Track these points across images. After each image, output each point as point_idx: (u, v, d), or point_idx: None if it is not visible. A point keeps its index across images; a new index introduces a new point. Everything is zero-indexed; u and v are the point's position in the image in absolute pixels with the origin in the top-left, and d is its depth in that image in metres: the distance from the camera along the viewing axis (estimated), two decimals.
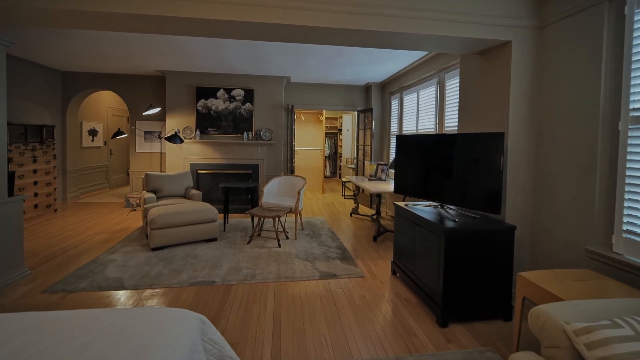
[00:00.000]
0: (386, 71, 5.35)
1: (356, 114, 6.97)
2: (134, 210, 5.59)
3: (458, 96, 3.33)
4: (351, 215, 5.55)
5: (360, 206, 6.22)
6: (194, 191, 4.70)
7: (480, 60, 2.77)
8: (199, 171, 5.89)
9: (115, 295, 2.59)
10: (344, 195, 7.54)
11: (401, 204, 2.95)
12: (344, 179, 7.98)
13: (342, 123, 9.68)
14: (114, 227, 4.55)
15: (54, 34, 3.88)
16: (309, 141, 9.17)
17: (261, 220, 4.16)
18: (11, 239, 2.83)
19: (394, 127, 5.74)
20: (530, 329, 1.37)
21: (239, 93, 5.88)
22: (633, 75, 1.84)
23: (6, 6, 2.02)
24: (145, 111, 5.40)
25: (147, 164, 6.27)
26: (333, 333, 2.14)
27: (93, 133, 7.18)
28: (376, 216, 4.62)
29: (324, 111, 8.25)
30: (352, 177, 5.44)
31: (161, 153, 5.94)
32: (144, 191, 4.52)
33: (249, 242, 3.93)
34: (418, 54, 4.35)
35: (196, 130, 5.79)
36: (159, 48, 4.34)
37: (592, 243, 2.00)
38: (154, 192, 4.53)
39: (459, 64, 3.25)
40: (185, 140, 5.68)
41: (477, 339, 2.09)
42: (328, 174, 10.51)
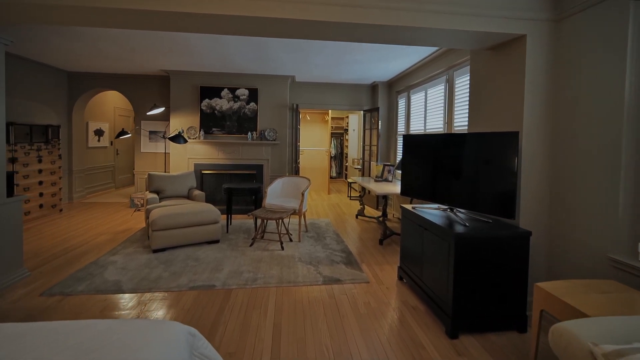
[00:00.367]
0: (393, 69, 5.22)
1: (362, 113, 6.84)
2: (138, 210, 5.56)
3: (468, 94, 3.20)
4: (357, 217, 5.43)
5: (366, 208, 6.10)
6: (196, 192, 4.64)
7: (492, 56, 2.63)
8: (203, 171, 5.84)
9: (111, 299, 2.53)
10: (350, 197, 7.42)
11: (408, 206, 2.83)
12: (349, 180, 7.86)
13: (348, 123, 9.56)
14: (117, 228, 4.51)
15: (59, 34, 3.85)
16: (315, 141, 9.07)
17: (264, 222, 4.08)
18: (10, 240, 2.79)
19: (401, 127, 5.61)
20: (552, 347, 1.24)
21: (243, 93, 5.81)
22: None
23: (6, 3, 1.97)
24: (149, 111, 5.36)
25: (151, 164, 6.25)
26: (335, 343, 2.03)
27: (99, 133, 7.20)
28: (382, 218, 4.50)
29: (329, 111, 8.15)
30: (358, 178, 5.32)
31: (165, 153, 5.91)
32: (147, 191, 4.48)
33: (251, 244, 3.85)
34: (426, 51, 4.22)
35: (200, 130, 5.74)
36: (162, 47, 4.29)
37: (616, 251, 1.85)
38: (156, 192, 4.49)
39: (469, 61, 3.11)
40: (189, 140, 5.63)
41: (490, 352, 1.96)
42: (334, 175, 10.39)
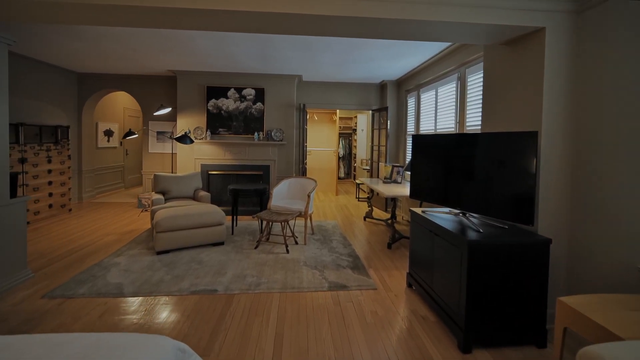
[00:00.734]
0: (402, 67, 5.07)
1: (371, 113, 6.71)
2: (145, 210, 5.56)
3: (481, 92, 3.04)
4: (365, 219, 5.30)
5: (374, 209, 5.96)
6: (202, 193, 4.60)
7: (508, 51, 2.48)
8: (209, 172, 5.80)
9: (111, 304, 2.47)
10: (358, 198, 7.29)
11: (417, 210, 2.70)
12: (357, 181, 7.72)
13: (356, 123, 9.42)
14: (124, 228, 4.50)
15: (68, 36, 3.85)
16: (322, 141, 8.96)
17: (269, 224, 4.00)
18: (14, 241, 2.77)
19: (410, 126, 5.45)
20: None
21: (249, 92, 5.75)
22: None
23: (7, 1, 1.93)
24: (156, 111, 5.35)
25: (159, 164, 6.25)
26: (340, 355, 1.92)
27: (109, 133, 7.25)
28: (391, 221, 4.36)
29: (337, 111, 8.04)
30: (366, 179, 5.19)
31: (172, 154, 5.90)
32: (153, 192, 4.45)
33: (256, 247, 3.77)
34: (436, 49, 4.07)
35: (207, 131, 5.70)
36: (169, 47, 4.26)
37: None
38: (162, 193, 4.46)
39: (483, 57, 2.96)
40: (195, 141, 5.60)
41: None
42: (342, 175, 10.27)
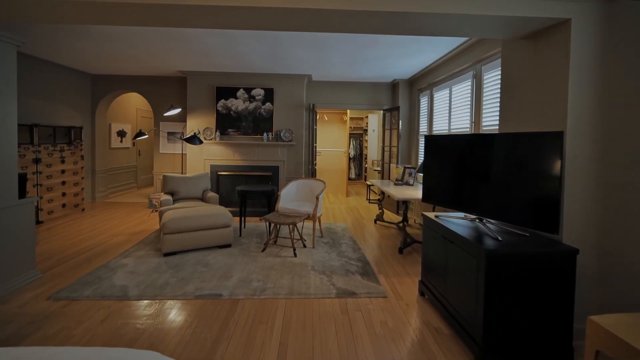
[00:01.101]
0: (414, 66, 4.92)
1: (382, 113, 6.56)
2: (155, 211, 5.59)
3: (499, 91, 2.88)
4: (375, 222, 5.17)
5: (385, 212, 5.82)
6: (210, 194, 4.56)
7: (528, 45, 2.32)
8: (219, 173, 5.78)
9: (115, 307, 2.44)
10: (369, 200, 7.14)
11: (430, 214, 2.56)
12: (368, 183, 7.58)
13: (367, 123, 9.26)
14: (133, 229, 4.51)
15: (81, 37, 3.87)
16: (332, 142, 8.85)
17: (277, 226, 3.92)
18: (22, 241, 2.77)
19: (423, 127, 5.29)
20: None
21: (258, 93, 5.70)
22: None
23: (7, 0, 1.91)
24: (166, 112, 5.36)
25: (170, 164, 6.27)
26: None
27: (122, 134, 7.34)
28: (403, 224, 4.22)
29: (347, 111, 7.92)
30: (377, 181, 5.06)
31: (182, 154, 5.91)
32: (161, 193, 4.45)
33: (263, 250, 3.70)
34: (450, 45, 3.90)
35: (216, 131, 5.68)
36: (178, 48, 4.24)
37: None
38: (171, 194, 4.45)
39: (500, 53, 2.80)
40: (204, 141, 5.59)
41: None
42: (353, 176, 10.13)
